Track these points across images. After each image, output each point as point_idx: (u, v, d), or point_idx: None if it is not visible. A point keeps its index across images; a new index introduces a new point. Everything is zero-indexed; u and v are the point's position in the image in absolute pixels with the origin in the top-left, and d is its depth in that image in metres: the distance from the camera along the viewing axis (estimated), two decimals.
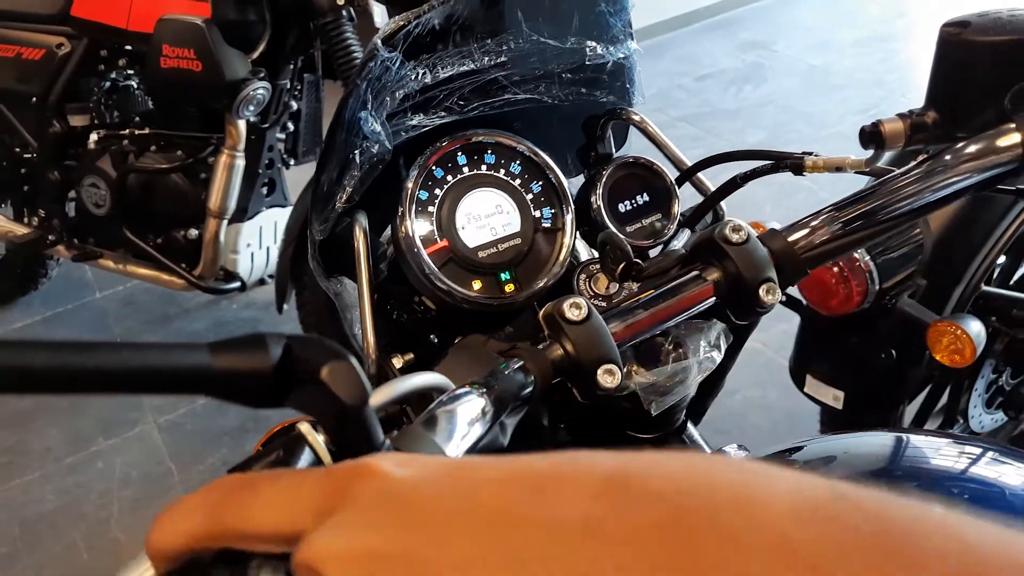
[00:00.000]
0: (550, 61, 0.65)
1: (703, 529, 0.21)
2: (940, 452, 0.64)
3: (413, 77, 0.59)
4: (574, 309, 0.50)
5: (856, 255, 1.23)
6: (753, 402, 2.15)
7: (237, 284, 2.12)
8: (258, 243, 2.14)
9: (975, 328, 1.17)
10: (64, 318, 2.58)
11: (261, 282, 2.27)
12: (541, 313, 0.51)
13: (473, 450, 0.40)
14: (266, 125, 1.97)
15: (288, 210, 2.10)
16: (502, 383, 0.46)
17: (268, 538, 0.28)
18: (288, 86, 1.99)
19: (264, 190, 2.10)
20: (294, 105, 2.05)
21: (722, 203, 0.69)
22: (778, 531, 0.20)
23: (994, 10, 0.52)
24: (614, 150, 0.74)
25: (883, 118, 0.54)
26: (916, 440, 0.66)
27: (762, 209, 2.60)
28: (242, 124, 1.89)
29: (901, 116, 0.54)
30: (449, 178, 0.60)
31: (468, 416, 0.40)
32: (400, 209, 0.59)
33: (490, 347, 0.57)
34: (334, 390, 0.28)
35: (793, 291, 1.35)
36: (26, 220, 2.27)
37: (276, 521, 0.27)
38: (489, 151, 0.62)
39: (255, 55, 1.85)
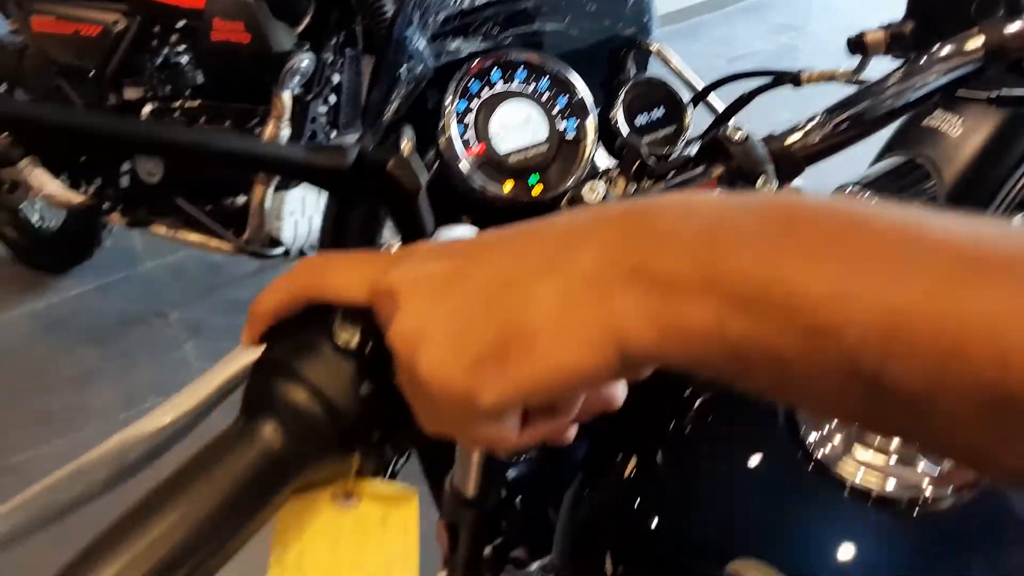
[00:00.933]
0: None
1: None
2: None
3: (454, 2, 0.67)
4: (591, 193, 0.58)
5: None
6: None
7: (281, 249, 2.22)
8: (301, 212, 2.24)
9: None
10: (115, 286, 2.71)
11: (301, 253, 2.37)
12: (564, 200, 0.59)
13: None
14: (309, 97, 2.06)
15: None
16: None
17: (348, 293, 0.36)
18: (330, 60, 2.08)
19: None
20: (336, 78, 2.14)
21: (731, 123, 0.76)
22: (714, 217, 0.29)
23: None
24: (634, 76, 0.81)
25: (867, 30, 0.61)
26: None
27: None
28: (287, 95, 1.98)
29: (882, 27, 0.61)
30: (484, 91, 0.69)
31: None
32: (442, 118, 0.67)
33: None
34: (397, 178, 0.36)
35: None
36: (83, 189, 2.39)
37: (354, 279, 0.36)
38: (520, 68, 0.70)
39: (300, 28, 1.95)
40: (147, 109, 2.16)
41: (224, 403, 0.45)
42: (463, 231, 0.52)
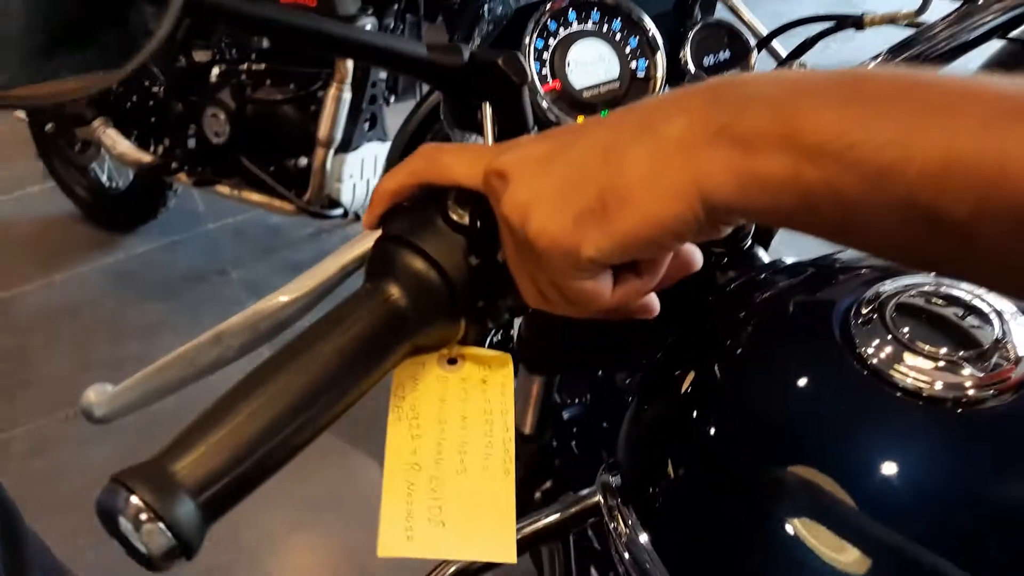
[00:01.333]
0: None
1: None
2: None
3: None
4: None
5: None
6: None
7: (340, 211, 2.29)
8: (359, 174, 2.31)
9: None
10: (180, 245, 2.82)
11: (357, 217, 2.44)
12: None
13: None
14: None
15: (387, 145, 2.26)
16: None
17: (462, 176, 0.42)
18: (392, 26, 2.13)
19: (366, 125, 2.26)
20: None
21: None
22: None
23: None
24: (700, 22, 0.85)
25: None
26: None
27: None
28: (350, 60, 2.04)
29: None
30: (561, 30, 0.73)
31: None
32: (522, 55, 0.71)
33: None
34: (507, 71, 0.41)
35: None
36: (152, 149, 2.49)
37: (467, 164, 0.41)
38: (595, 9, 0.74)
39: None
40: (215, 72, 2.24)
41: None
42: None
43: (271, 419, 0.37)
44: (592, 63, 0.73)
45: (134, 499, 0.33)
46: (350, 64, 2.06)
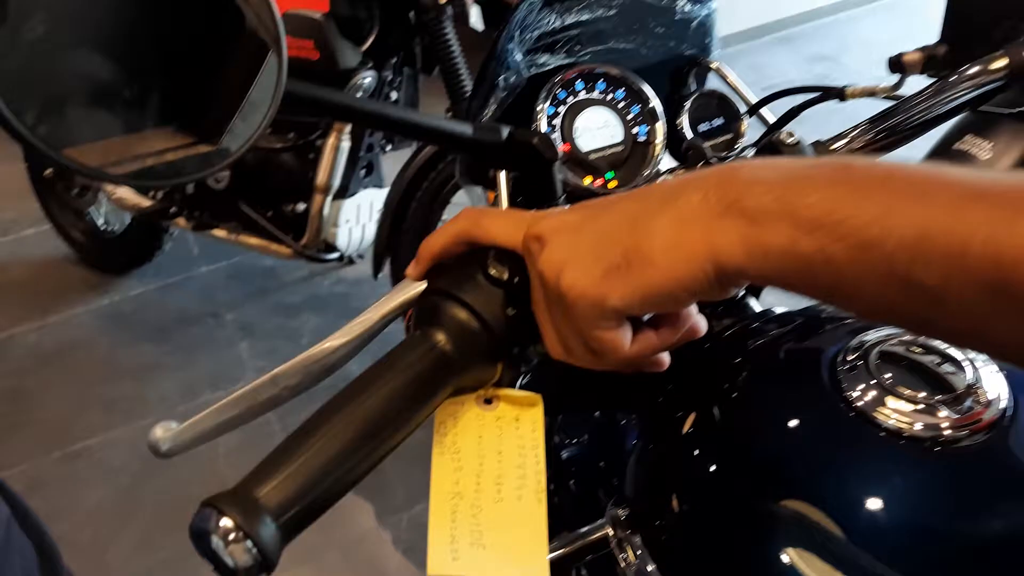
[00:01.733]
0: (647, 16, 0.84)
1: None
2: None
3: (546, 21, 0.78)
4: (663, 179, 0.68)
5: None
6: None
7: (336, 255, 2.35)
8: (356, 220, 2.37)
9: None
10: (174, 287, 2.85)
11: (350, 261, 2.50)
12: None
13: None
14: None
15: (384, 191, 2.33)
16: None
17: (502, 238, 0.47)
18: (390, 78, 2.22)
19: (363, 172, 2.33)
20: (394, 95, 2.27)
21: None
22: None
23: None
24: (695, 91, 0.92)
25: (905, 51, 0.72)
26: None
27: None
28: None
29: (919, 49, 0.72)
30: (570, 99, 0.80)
31: None
32: (535, 120, 0.78)
33: None
34: (540, 150, 0.47)
35: None
36: (151, 194, 2.54)
37: (508, 227, 0.47)
38: (600, 80, 0.81)
39: (365, 47, 2.09)
40: None
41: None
42: None
43: (338, 451, 0.42)
44: (598, 128, 0.80)
45: (225, 520, 0.38)
46: None
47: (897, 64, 0.73)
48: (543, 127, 0.78)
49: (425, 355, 0.45)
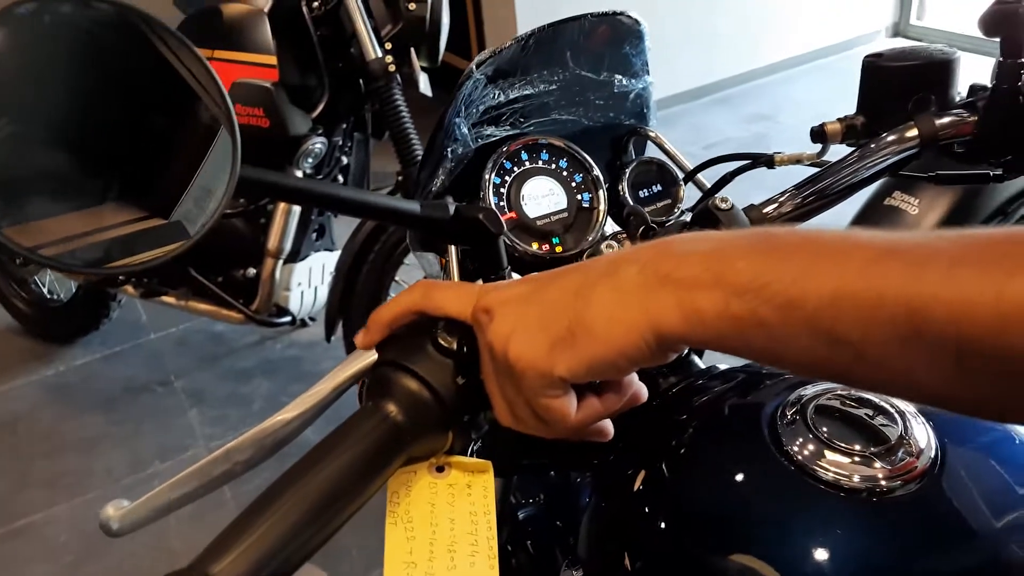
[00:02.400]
0: (588, 90, 0.88)
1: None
2: None
3: (491, 96, 0.81)
4: (608, 247, 0.71)
5: None
6: None
7: (288, 319, 2.34)
8: (307, 283, 2.37)
9: None
10: (121, 356, 2.80)
11: (303, 324, 2.49)
12: (585, 256, 0.73)
13: None
14: (320, 177, 2.22)
15: (335, 254, 2.34)
16: None
17: (452, 309, 0.49)
18: (341, 143, 2.25)
19: (314, 235, 2.34)
20: (344, 160, 2.30)
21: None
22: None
23: (899, 47, 0.75)
24: (635, 158, 0.96)
25: (826, 121, 0.77)
26: None
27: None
28: (300, 175, 2.14)
29: (839, 120, 0.77)
30: (515, 168, 0.83)
31: None
32: (482, 189, 0.81)
33: None
34: (486, 224, 0.49)
35: None
36: None
37: (457, 299, 0.49)
38: (544, 150, 0.84)
39: (315, 114, 2.12)
40: None
41: None
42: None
43: (292, 525, 0.42)
44: (543, 196, 0.83)
45: None
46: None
47: (819, 134, 0.77)
48: (490, 196, 0.81)
49: (377, 426, 0.47)
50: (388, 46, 2.08)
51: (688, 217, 0.83)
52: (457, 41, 4.28)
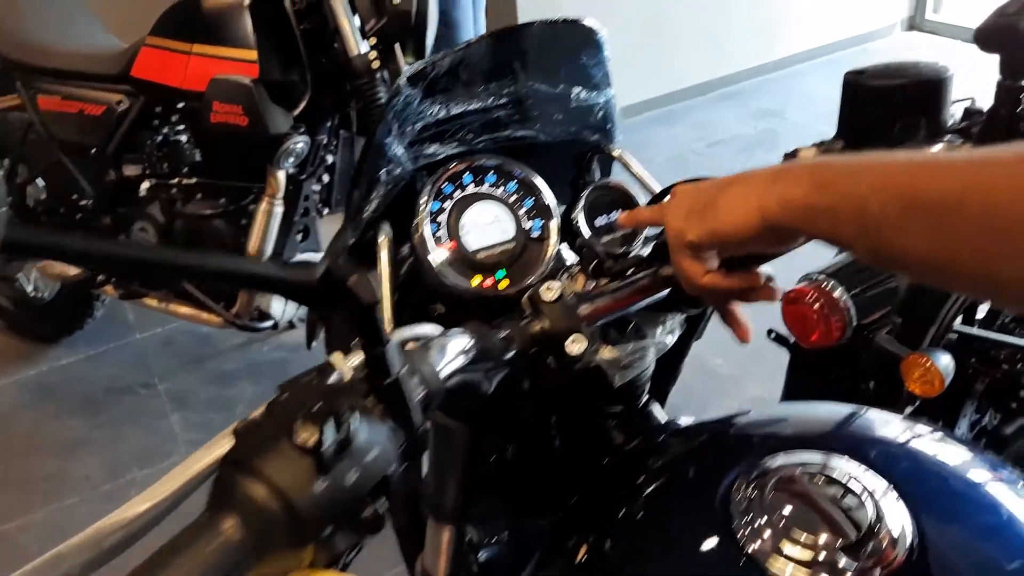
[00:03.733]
0: (543, 104, 0.79)
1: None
2: (881, 427, 0.71)
3: (430, 112, 0.73)
4: (548, 291, 0.63)
5: (835, 293, 1.35)
6: None
7: (270, 323, 2.27)
8: None
9: (944, 360, 1.27)
10: (106, 356, 2.74)
11: (290, 325, 2.42)
12: (526, 296, 0.65)
13: (458, 380, 0.53)
14: (303, 176, 2.14)
15: (321, 256, 2.26)
16: (487, 342, 0.59)
17: None
18: (325, 141, 2.16)
19: (299, 237, 2.26)
20: (329, 159, 2.22)
21: None
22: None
23: (885, 63, 0.66)
24: (597, 179, 0.87)
25: (801, 147, 0.67)
26: (860, 414, 0.73)
27: None
28: (282, 175, 2.06)
29: (816, 145, 0.67)
30: (457, 193, 0.74)
31: (457, 347, 0.53)
32: (416, 216, 0.72)
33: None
34: (356, 292, 0.41)
35: (782, 328, 1.46)
36: None
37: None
38: (491, 172, 0.76)
39: (296, 112, 2.03)
40: (145, 186, 2.23)
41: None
42: (425, 330, 0.57)
43: None
44: (488, 224, 0.74)
45: None
46: (282, 178, 2.07)
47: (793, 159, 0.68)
48: (425, 225, 0.73)
49: (211, 545, 0.38)
50: (372, 41, 1.99)
51: (647, 251, 0.74)
52: None
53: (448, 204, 0.74)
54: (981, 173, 0.45)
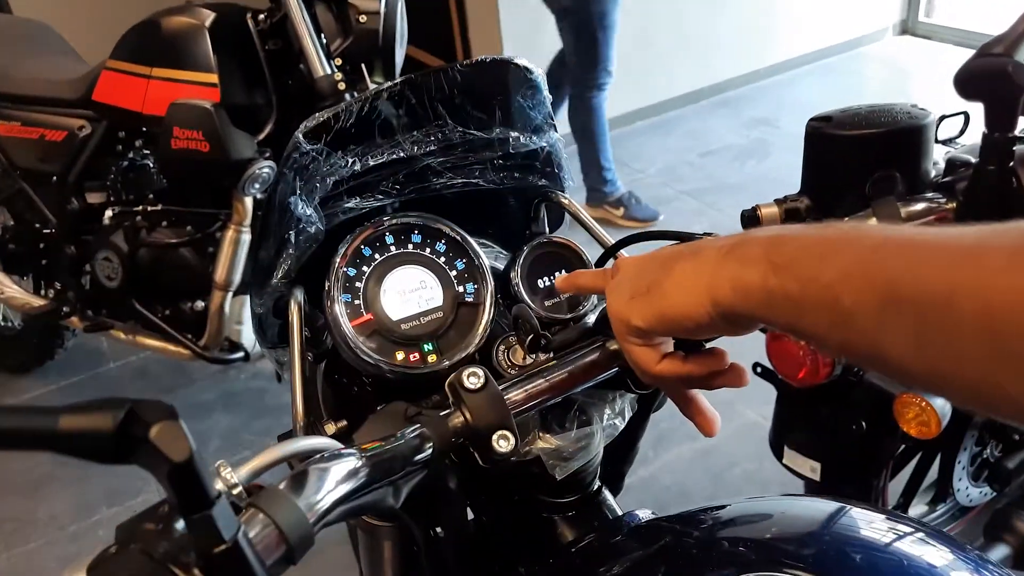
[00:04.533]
0: (479, 150, 0.70)
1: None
2: (862, 524, 0.64)
3: (343, 165, 0.64)
4: (472, 378, 0.54)
5: None
6: (750, 475, 2.15)
7: (241, 354, 2.18)
8: None
9: (940, 401, 1.18)
10: (78, 387, 2.65)
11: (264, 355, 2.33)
12: (447, 383, 0.56)
13: (342, 507, 0.44)
14: None
15: None
16: (395, 448, 0.50)
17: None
18: None
19: None
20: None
21: None
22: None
23: (855, 106, 0.57)
24: (548, 229, 0.79)
25: (761, 203, 0.59)
26: (838, 510, 0.66)
27: None
28: (248, 201, 1.97)
29: (777, 201, 0.58)
30: (376, 256, 0.65)
31: (338, 475, 0.44)
32: (327, 285, 0.63)
33: (408, 413, 0.60)
34: (161, 448, 0.32)
35: (768, 364, 1.38)
36: (43, 292, 2.36)
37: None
38: (416, 231, 0.67)
39: (261, 136, 1.95)
40: (108, 214, 2.15)
41: None
42: (315, 443, 0.48)
43: None
44: (412, 291, 0.66)
45: None
46: (248, 204, 1.99)
47: (752, 219, 0.59)
48: (336, 293, 0.64)
49: None
50: (338, 62, 1.91)
51: (592, 319, 0.65)
52: (440, 42, 4.11)
53: (366, 269, 0.65)
54: (974, 266, 0.37)
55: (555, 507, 0.65)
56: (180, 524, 0.38)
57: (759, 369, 1.42)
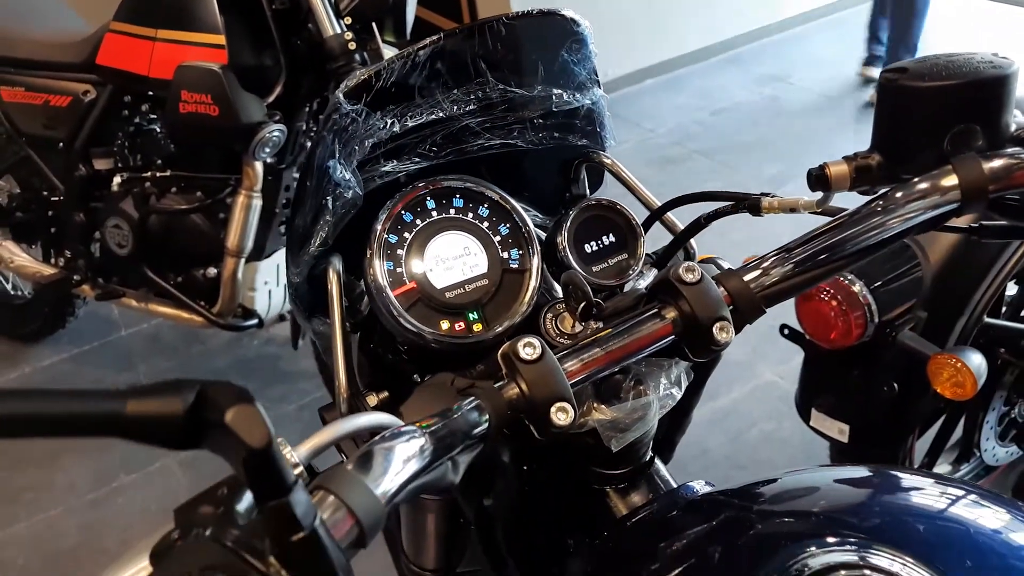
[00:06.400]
0: (519, 108, 0.67)
1: None
2: (916, 490, 0.63)
3: (381, 127, 0.61)
4: (528, 348, 0.52)
5: (855, 288, 1.24)
6: (768, 435, 2.14)
7: (255, 321, 2.16)
8: (275, 281, 2.19)
9: (976, 361, 1.16)
10: (90, 355, 2.64)
11: (281, 318, 2.31)
12: (499, 353, 0.53)
13: (410, 486, 0.42)
14: (283, 166, 2.02)
15: None
16: (453, 423, 0.48)
17: None
18: (304, 128, 2.04)
19: (281, 229, 2.14)
20: (309, 145, 2.09)
21: (693, 240, 0.71)
22: None
23: (932, 55, 0.54)
24: (588, 191, 0.76)
25: (830, 161, 0.56)
26: (889, 477, 0.65)
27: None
28: (259, 165, 1.94)
29: (847, 159, 0.55)
30: (418, 222, 0.63)
31: (405, 454, 0.42)
32: (368, 252, 0.61)
33: (456, 385, 0.58)
34: (238, 433, 0.30)
35: (796, 324, 1.35)
36: (53, 261, 2.33)
37: None
38: (457, 195, 0.64)
39: (271, 98, 1.90)
40: (117, 180, 2.11)
41: None
42: (375, 419, 0.46)
43: None
44: (456, 258, 0.63)
45: None
46: (259, 169, 1.95)
47: (821, 179, 0.56)
48: (379, 262, 0.61)
49: None
50: (348, 21, 1.86)
51: (643, 284, 0.63)
52: (446, 1, 4.03)
53: (408, 235, 0.62)
54: None
55: (607, 478, 0.63)
56: (242, 506, 0.36)
57: (786, 331, 1.40)
